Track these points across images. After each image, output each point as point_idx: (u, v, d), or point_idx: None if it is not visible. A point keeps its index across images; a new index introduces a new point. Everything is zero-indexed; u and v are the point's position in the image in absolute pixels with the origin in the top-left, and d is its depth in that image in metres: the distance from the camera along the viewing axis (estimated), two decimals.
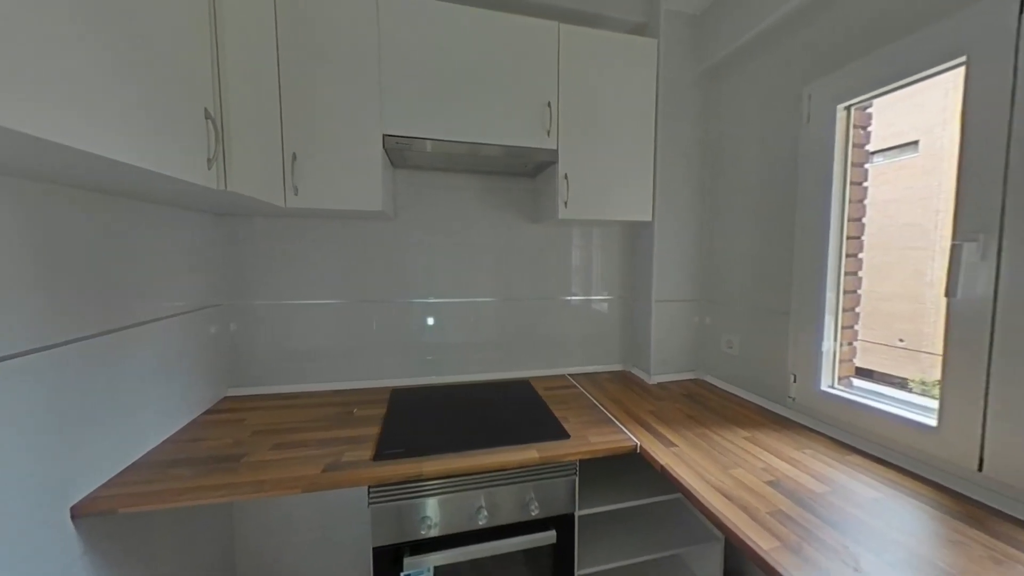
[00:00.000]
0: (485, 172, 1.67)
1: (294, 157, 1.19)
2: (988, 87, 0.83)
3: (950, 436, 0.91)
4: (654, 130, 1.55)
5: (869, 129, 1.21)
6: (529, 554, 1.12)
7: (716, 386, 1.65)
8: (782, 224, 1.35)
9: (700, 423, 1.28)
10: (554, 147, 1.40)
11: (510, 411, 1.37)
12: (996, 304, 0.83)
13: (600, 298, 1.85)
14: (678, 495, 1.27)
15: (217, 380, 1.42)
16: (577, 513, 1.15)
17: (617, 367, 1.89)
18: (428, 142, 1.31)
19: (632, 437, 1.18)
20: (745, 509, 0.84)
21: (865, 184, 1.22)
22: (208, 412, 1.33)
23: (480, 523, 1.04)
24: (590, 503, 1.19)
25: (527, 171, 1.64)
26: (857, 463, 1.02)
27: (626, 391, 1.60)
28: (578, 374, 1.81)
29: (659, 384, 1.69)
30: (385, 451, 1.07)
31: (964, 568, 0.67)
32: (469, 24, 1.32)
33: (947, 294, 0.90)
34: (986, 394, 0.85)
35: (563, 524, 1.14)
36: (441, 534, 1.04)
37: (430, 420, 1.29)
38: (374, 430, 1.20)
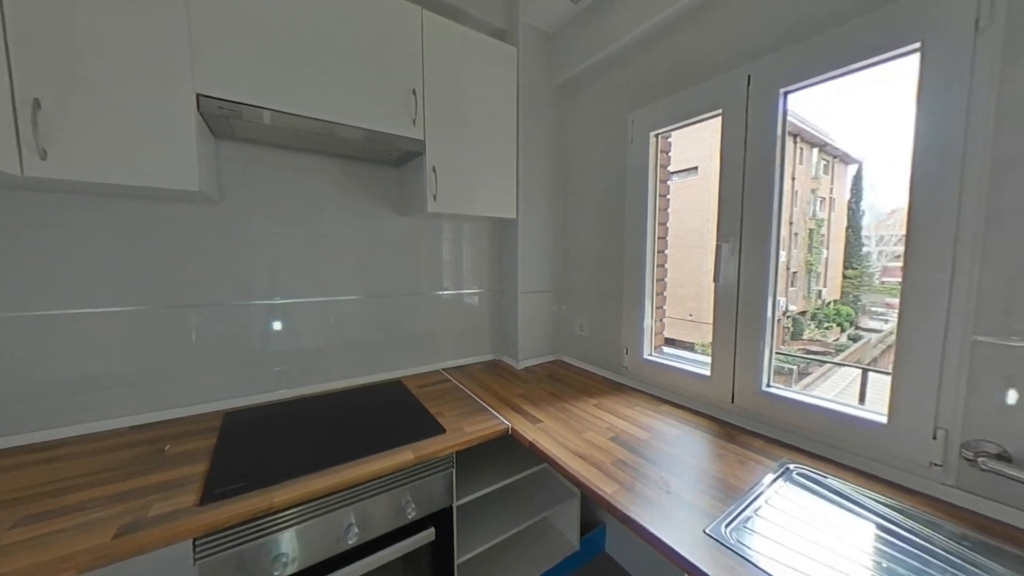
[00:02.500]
0: (344, 156, 1.50)
1: (36, 105, 0.83)
2: (733, 133, 1.19)
3: (717, 381, 1.27)
4: (516, 133, 1.66)
5: (670, 154, 1.56)
6: (407, 558, 1.08)
7: (572, 364, 1.90)
8: (616, 225, 1.63)
9: (560, 399, 1.45)
10: (421, 137, 1.36)
11: (382, 415, 1.28)
12: (739, 286, 1.20)
13: (471, 292, 1.90)
14: (544, 465, 1.42)
15: None
16: (455, 504, 1.16)
17: (489, 357, 1.98)
18: (266, 112, 1.09)
19: (504, 421, 1.25)
20: (595, 464, 1.00)
21: (668, 196, 1.58)
22: None
23: (351, 542, 0.95)
24: (468, 491, 1.23)
25: (391, 160, 1.54)
26: (667, 411, 1.34)
27: (497, 379, 1.69)
28: (452, 368, 1.83)
29: (526, 368, 1.84)
30: (217, 490, 0.86)
31: (725, 471, 0.96)
32: None
33: (714, 280, 1.25)
34: (735, 349, 1.22)
35: (442, 519, 1.14)
36: (302, 568, 0.91)
37: (282, 441, 1.11)
38: (199, 467, 0.96)
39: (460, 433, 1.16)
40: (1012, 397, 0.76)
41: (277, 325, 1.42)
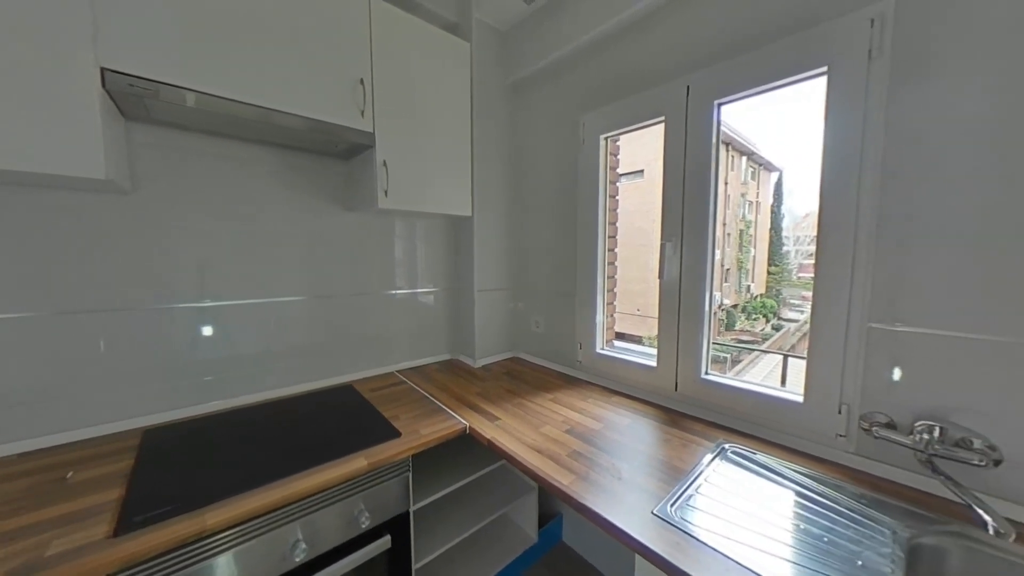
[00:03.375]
0: (285, 146, 1.39)
1: None
2: (674, 140, 1.27)
3: (662, 371, 1.36)
4: (470, 130, 1.65)
5: (618, 156, 1.64)
6: (362, 569, 1.04)
7: (529, 361, 1.93)
8: (569, 224, 1.68)
9: (517, 395, 1.47)
10: (370, 130, 1.30)
11: (331, 422, 1.22)
12: (681, 282, 1.29)
13: (426, 291, 1.85)
14: (503, 461, 1.43)
15: None
16: (412, 509, 1.14)
17: (445, 357, 1.95)
18: (189, 94, 0.98)
19: (461, 420, 1.24)
20: (552, 457, 1.02)
21: (617, 197, 1.65)
22: None
23: (298, 559, 0.89)
24: (425, 494, 1.20)
25: (338, 152, 1.46)
26: (618, 401, 1.40)
27: (454, 378, 1.67)
28: (407, 369, 1.77)
29: (484, 367, 1.84)
30: (136, 518, 0.77)
31: (670, 454, 1.03)
32: None
33: (659, 277, 1.34)
34: (677, 340, 1.31)
35: (398, 525, 1.10)
36: None
37: (215, 458, 1.01)
38: (112, 494, 0.85)
39: (416, 436, 1.13)
40: (897, 374, 0.90)
41: (207, 330, 1.28)
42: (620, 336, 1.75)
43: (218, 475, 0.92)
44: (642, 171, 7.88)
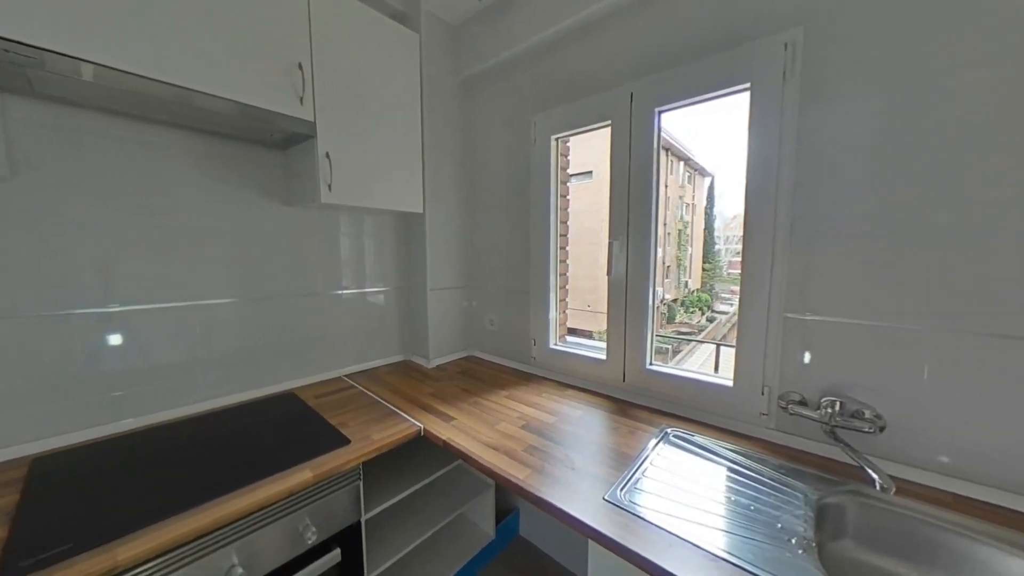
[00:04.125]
0: (212, 133, 1.26)
1: None
2: (620, 143, 1.33)
3: (611, 363, 1.43)
4: (421, 124, 1.60)
5: (569, 157, 1.69)
6: None
7: (484, 359, 1.92)
8: (522, 222, 1.70)
9: (473, 394, 1.46)
10: (310, 119, 1.21)
11: (270, 434, 1.13)
12: (627, 279, 1.36)
13: (375, 290, 1.78)
14: (459, 461, 1.42)
15: None
16: (363, 519, 1.09)
17: (398, 358, 1.89)
18: (86, 66, 0.84)
19: (416, 423, 1.21)
20: (508, 453, 1.03)
21: (568, 197, 1.70)
22: None
23: None
24: (377, 501, 1.16)
25: (275, 141, 1.34)
26: (571, 395, 1.45)
27: (407, 379, 1.63)
28: (356, 372, 1.69)
29: (438, 367, 1.81)
30: (23, 562, 0.65)
31: (619, 442, 1.09)
32: None
33: (608, 274, 1.40)
34: (624, 334, 1.38)
35: (348, 536, 1.05)
36: None
37: (128, 484, 0.89)
38: None
39: (367, 442, 1.09)
40: (807, 358, 1.02)
41: (115, 338, 1.13)
42: (572, 331, 1.81)
43: (132, 503, 0.82)
44: (591, 172, 8.19)
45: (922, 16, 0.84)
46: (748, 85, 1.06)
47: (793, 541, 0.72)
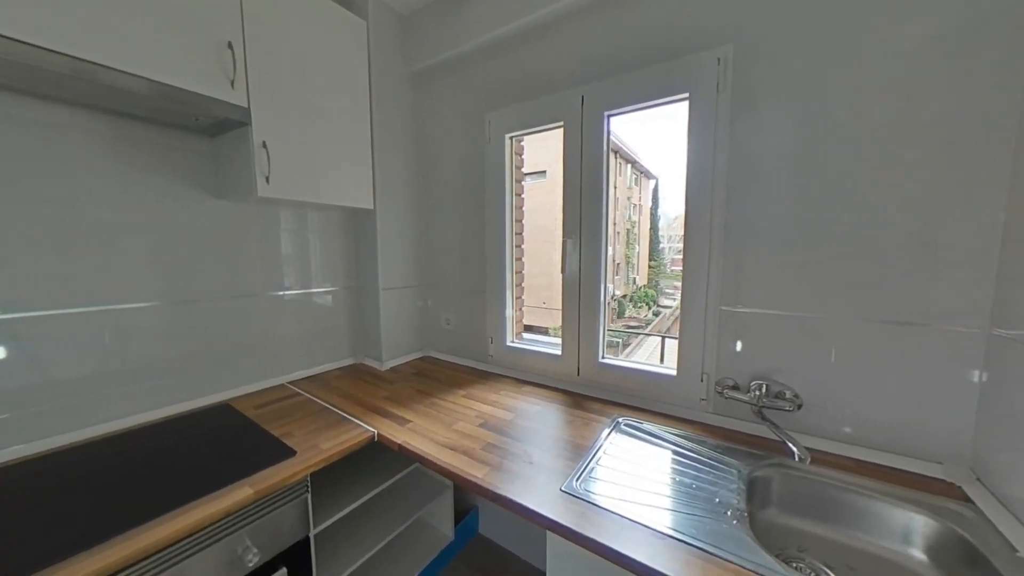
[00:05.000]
0: (124, 115, 1.11)
1: None
2: (572, 144, 1.37)
3: (566, 359, 1.48)
4: (370, 116, 1.53)
5: (523, 156, 1.70)
6: None
7: (440, 359, 1.89)
8: (477, 220, 1.69)
9: (429, 395, 1.43)
10: (243, 104, 1.11)
11: (202, 450, 1.02)
12: (580, 276, 1.41)
13: (323, 290, 1.67)
14: (416, 464, 1.38)
15: None
16: (313, 533, 1.03)
17: (348, 361, 1.80)
18: None
19: (369, 427, 1.16)
20: (466, 453, 1.03)
21: (523, 196, 1.72)
22: None
23: None
24: (328, 513, 1.10)
25: (201, 127, 1.21)
26: (528, 391, 1.47)
27: (359, 383, 1.55)
28: (302, 379, 1.58)
29: (392, 369, 1.75)
30: None
31: (574, 434, 1.12)
32: None
33: (562, 271, 1.44)
34: (578, 329, 1.43)
35: (296, 553, 0.99)
36: None
37: (21, 519, 0.76)
38: None
39: (315, 452, 1.02)
40: (739, 346, 1.13)
41: (3, 351, 0.96)
42: (528, 328, 1.83)
43: (25, 542, 0.70)
44: (545, 172, 8.35)
45: (830, 43, 0.95)
46: (687, 95, 1.14)
47: (729, 513, 0.80)
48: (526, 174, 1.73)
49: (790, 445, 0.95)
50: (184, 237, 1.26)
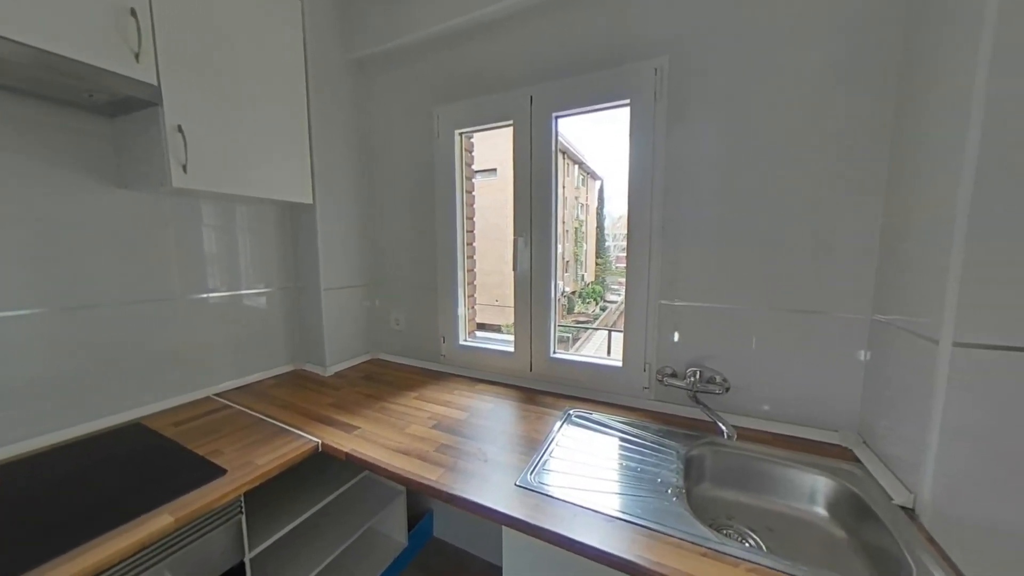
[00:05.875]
0: None
1: None
2: (522, 143, 1.39)
3: (519, 354, 1.50)
4: (307, 103, 1.42)
5: (473, 153, 1.69)
6: None
7: (390, 361, 1.82)
8: (427, 217, 1.65)
9: (378, 399, 1.38)
10: (151, 81, 0.98)
11: (108, 479, 0.89)
12: (532, 273, 1.43)
13: (254, 292, 1.53)
14: (366, 472, 1.32)
15: None
16: (248, 557, 0.94)
17: (287, 368, 1.67)
18: None
19: (312, 438, 1.09)
20: (419, 456, 1.00)
21: (474, 193, 1.71)
22: None
23: None
24: (267, 533, 1.01)
25: (96, 105, 1.05)
26: (482, 389, 1.47)
27: (300, 391, 1.45)
28: (232, 390, 1.44)
29: (337, 374, 1.65)
30: None
31: (529, 428, 1.15)
32: None
33: (514, 269, 1.45)
34: (530, 326, 1.46)
35: None
36: None
37: None
38: None
39: (249, 469, 0.94)
40: (676, 337, 1.22)
41: None
42: (481, 327, 1.83)
43: None
44: (495, 170, 8.36)
45: (749, 63, 1.06)
46: (628, 101, 1.21)
47: (669, 491, 0.86)
48: (476, 171, 1.72)
49: (720, 424, 1.05)
50: (76, 232, 1.08)
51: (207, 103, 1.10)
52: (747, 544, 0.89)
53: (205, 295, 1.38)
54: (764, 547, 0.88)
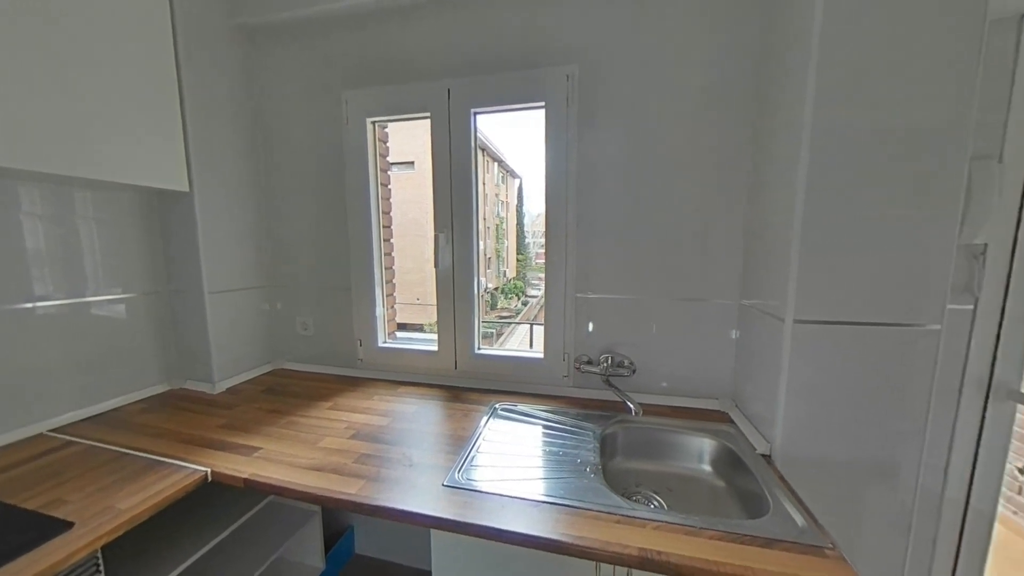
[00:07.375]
0: None
1: None
2: (440, 137, 1.36)
3: (443, 354, 1.47)
4: (177, 73, 1.19)
5: (388, 144, 1.60)
6: None
7: (297, 370, 1.64)
8: (337, 211, 1.51)
9: (285, 414, 1.23)
10: None
11: None
12: (454, 270, 1.41)
13: (107, 298, 1.24)
14: (271, 497, 1.18)
15: None
16: None
17: (159, 389, 1.39)
18: None
19: (198, 467, 0.93)
20: (335, 470, 0.92)
21: (390, 186, 1.62)
22: None
23: None
24: None
25: None
26: (405, 391, 1.41)
27: (180, 414, 1.22)
28: (79, 422, 1.15)
29: (230, 390, 1.43)
30: None
31: (456, 426, 1.14)
32: None
33: (435, 266, 1.42)
34: (454, 323, 1.44)
35: None
36: None
37: None
38: None
39: (107, 517, 0.76)
40: (591, 327, 1.32)
41: None
42: (402, 327, 1.75)
43: None
44: (412, 163, 8.01)
45: (646, 77, 1.18)
46: (543, 104, 1.26)
47: (588, 469, 0.93)
48: (392, 164, 1.63)
49: (628, 403, 1.17)
50: None
51: (17, 58, 0.85)
52: (652, 505, 1.01)
53: (30, 304, 1.07)
54: (665, 506, 1.01)
